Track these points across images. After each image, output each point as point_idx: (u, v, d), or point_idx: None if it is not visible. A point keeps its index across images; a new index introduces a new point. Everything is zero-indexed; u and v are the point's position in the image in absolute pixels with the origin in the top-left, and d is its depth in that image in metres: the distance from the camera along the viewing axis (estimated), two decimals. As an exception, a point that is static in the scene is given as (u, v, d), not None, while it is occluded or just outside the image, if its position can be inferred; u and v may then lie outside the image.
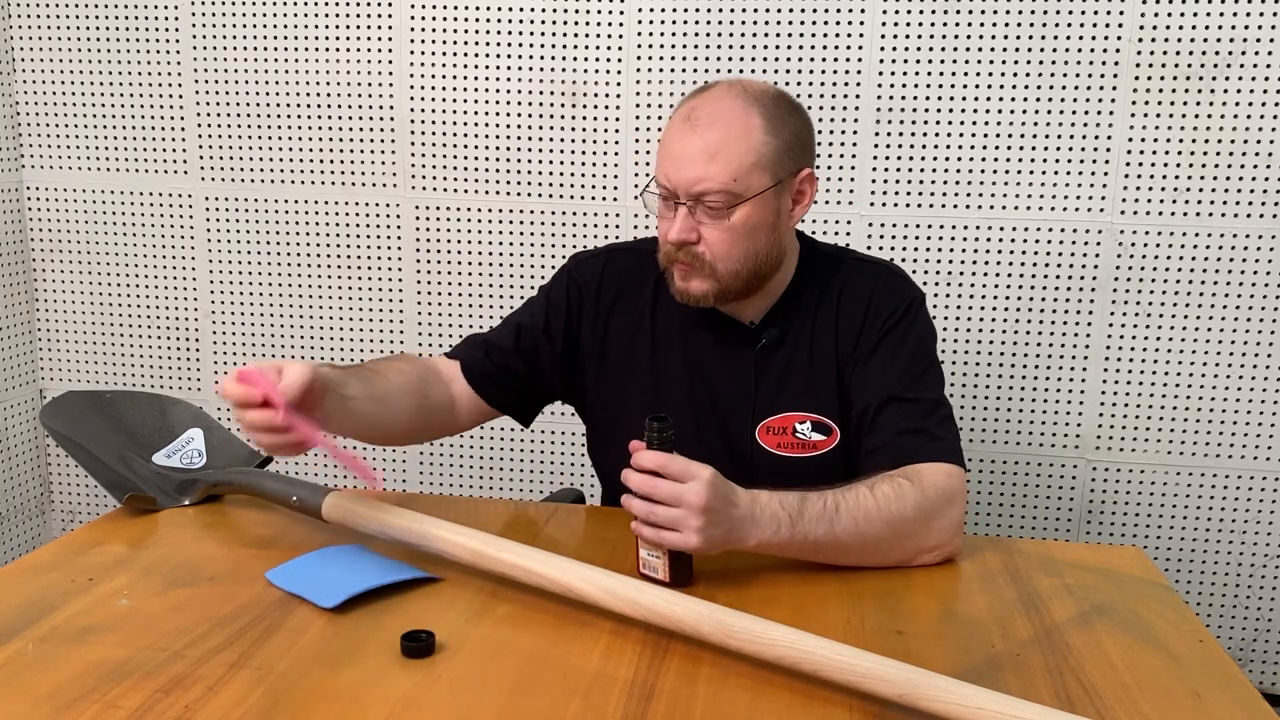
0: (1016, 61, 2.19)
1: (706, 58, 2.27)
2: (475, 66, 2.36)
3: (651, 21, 2.28)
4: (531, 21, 2.32)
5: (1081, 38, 2.16)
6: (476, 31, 2.35)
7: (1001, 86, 2.20)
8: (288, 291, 2.52)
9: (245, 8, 2.41)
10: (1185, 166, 2.18)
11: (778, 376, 1.46)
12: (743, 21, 2.25)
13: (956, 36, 2.19)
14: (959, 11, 2.18)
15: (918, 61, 2.21)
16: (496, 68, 2.35)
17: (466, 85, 2.37)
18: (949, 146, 2.24)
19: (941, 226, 2.27)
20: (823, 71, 2.24)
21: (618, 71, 2.31)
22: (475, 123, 2.38)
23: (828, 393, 1.45)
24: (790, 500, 1.23)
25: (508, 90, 2.36)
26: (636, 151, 2.33)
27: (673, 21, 2.27)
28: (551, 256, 2.41)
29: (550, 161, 2.37)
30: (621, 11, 2.29)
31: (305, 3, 2.39)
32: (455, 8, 2.34)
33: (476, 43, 2.35)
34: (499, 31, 2.34)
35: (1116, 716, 0.99)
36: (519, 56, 2.34)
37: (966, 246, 2.27)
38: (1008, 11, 2.17)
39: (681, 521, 1.16)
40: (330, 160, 2.45)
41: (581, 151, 2.36)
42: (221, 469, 1.50)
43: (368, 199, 2.45)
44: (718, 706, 0.99)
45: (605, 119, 2.33)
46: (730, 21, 2.25)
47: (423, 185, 2.43)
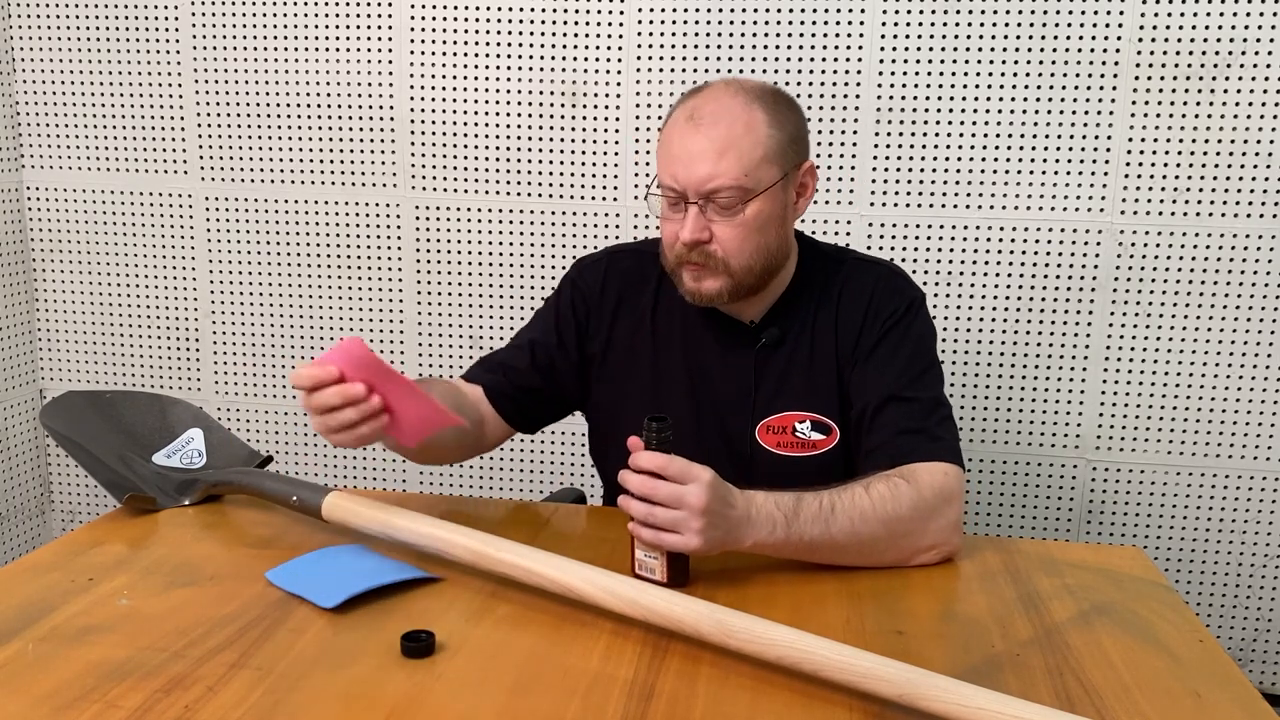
0: (1016, 61, 2.19)
1: (706, 58, 2.27)
2: (475, 66, 2.36)
3: (651, 21, 2.28)
4: (531, 21, 2.32)
5: (1081, 38, 2.16)
6: (476, 31, 2.35)
7: (1001, 86, 2.20)
8: (288, 291, 2.52)
9: (245, 8, 2.41)
10: (1185, 166, 2.18)
11: (778, 376, 1.46)
12: (743, 21, 2.25)
13: (956, 36, 2.19)
14: (959, 11, 2.18)
15: (918, 61, 2.21)
16: (496, 68, 2.35)
17: (466, 85, 2.37)
18: (949, 146, 2.24)
19: (941, 226, 2.27)
20: (823, 71, 2.24)
21: (618, 71, 2.31)
22: (475, 123, 2.38)
23: (828, 392, 1.45)
24: (786, 501, 1.23)
25: (508, 90, 2.36)
26: (636, 151, 2.33)
27: (673, 21, 2.27)
28: (552, 257, 2.41)
29: (550, 161, 2.37)
30: (621, 11, 2.29)
31: (305, 3, 2.39)
32: (455, 8, 2.34)
33: (476, 43, 2.35)
34: (499, 31, 2.34)
35: (1116, 716, 0.99)
36: (519, 56, 2.34)
37: (966, 246, 2.27)
38: (1008, 11, 2.17)
39: (682, 523, 1.16)
40: (330, 160, 2.45)
41: (581, 151, 2.36)
42: (221, 469, 1.50)
43: (368, 199, 2.45)
44: (718, 706, 0.99)
45: (605, 119, 2.33)
46: (730, 21, 2.25)
47: (423, 185, 2.43)
